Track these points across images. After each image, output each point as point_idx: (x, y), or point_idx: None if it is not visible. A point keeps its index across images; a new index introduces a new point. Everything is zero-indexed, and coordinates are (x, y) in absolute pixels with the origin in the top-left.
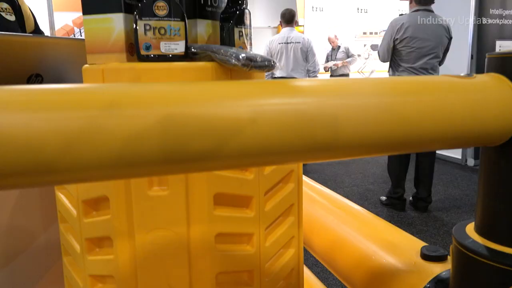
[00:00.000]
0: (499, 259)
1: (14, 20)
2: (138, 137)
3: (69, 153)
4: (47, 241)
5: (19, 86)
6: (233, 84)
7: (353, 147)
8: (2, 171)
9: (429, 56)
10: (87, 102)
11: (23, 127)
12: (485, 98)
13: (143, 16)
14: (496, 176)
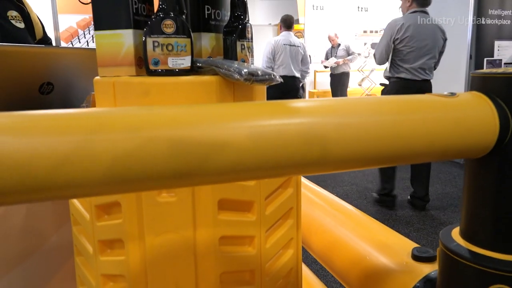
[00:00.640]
0: (480, 262)
1: (24, 28)
2: (120, 160)
3: (57, 174)
4: (58, 241)
5: (16, 113)
6: (220, 106)
7: (341, 163)
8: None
9: (427, 57)
10: (74, 128)
11: (16, 150)
12: (467, 115)
13: (152, 34)
14: (479, 186)
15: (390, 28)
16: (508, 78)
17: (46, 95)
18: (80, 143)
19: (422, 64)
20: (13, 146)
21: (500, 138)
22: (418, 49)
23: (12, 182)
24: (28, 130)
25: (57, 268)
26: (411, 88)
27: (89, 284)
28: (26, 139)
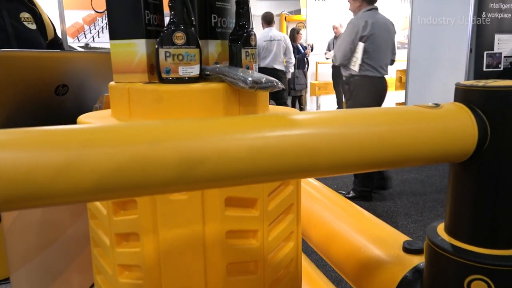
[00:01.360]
0: (461, 255)
1: (36, 29)
2: (109, 173)
3: (52, 184)
4: (74, 233)
5: (21, 129)
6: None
7: (332, 169)
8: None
9: (389, 52)
10: (68, 142)
11: (18, 163)
12: (449, 125)
13: (164, 45)
14: (461, 187)
15: (355, 26)
16: (487, 91)
17: (61, 96)
18: (71, 157)
19: (386, 60)
20: (13, 160)
21: (479, 145)
22: (382, 46)
23: (13, 192)
24: (28, 145)
25: (74, 258)
26: (375, 83)
27: (106, 273)
28: (24, 153)
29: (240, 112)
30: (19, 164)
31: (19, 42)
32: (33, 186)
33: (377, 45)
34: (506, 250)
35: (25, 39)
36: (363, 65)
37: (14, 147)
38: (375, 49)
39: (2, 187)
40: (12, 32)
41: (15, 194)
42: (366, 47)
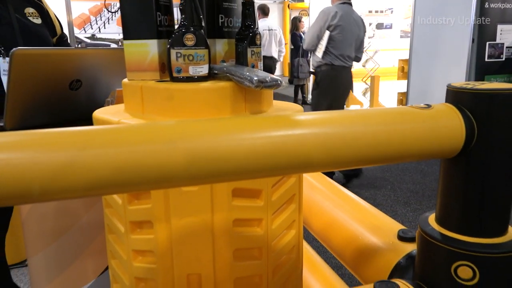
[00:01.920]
0: (448, 242)
1: (41, 23)
2: (104, 172)
3: (55, 182)
4: (88, 220)
5: (30, 131)
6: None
7: (330, 165)
8: (12, 194)
9: (354, 46)
10: (68, 144)
11: (21, 162)
12: (439, 124)
13: (175, 46)
14: (450, 180)
15: (325, 15)
16: (474, 93)
17: (75, 90)
18: (71, 157)
19: (349, 52)
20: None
21: (466, 142)
22: (348, 38)
23: (16, 189)
24: (64, 144)
25: (88, 244)
26: (341, 74)
27: (120, 258)
28: (58, 152)
29: (246, 108)
30: (54, 161)
31: (24, 36)
32: (67, 179)
33: (343, 36)
34: (490, 239)
35: (30, 33)
36: (327, 52)
37: (47, 147)
38: (341, 39)
39: (43, 180)
40: (17, 26)
41: (53, 187)
42: (332, 35)
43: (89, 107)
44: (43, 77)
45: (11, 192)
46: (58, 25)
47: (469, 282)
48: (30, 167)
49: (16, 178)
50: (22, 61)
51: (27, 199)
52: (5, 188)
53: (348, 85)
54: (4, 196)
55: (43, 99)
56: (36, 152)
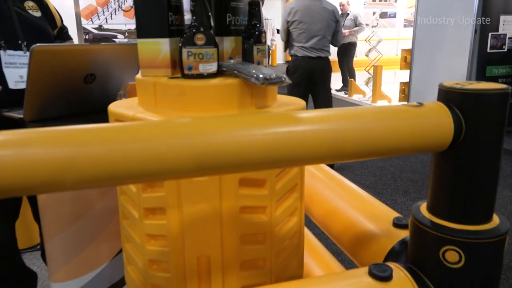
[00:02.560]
0: (437, 229)
1: (41, 16)
2: (128, 165)
3: (86, 173)
4: (102, 206)
5: (43, 128)
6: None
7: (329, 159)
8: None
9: (317, 37)
10: (95, 139)
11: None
12: (429, 121)
13: (186, 45)
14: (440, 172)
15: (285, 11)
16: (463, 93)
17: (89, 84)
18: (99, 152)
19: (313, 44)
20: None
21: (455, 138)
22: (307, 31)
23: (52, 179)
24: (97, 140)
25: (102, 228)
26: (306, 64)
27: (134, 242)
28: (90, 147)
29: (252, 103)
30: (85, 155)
31: (24, 30)
32: (96, 170)
33: (303, 30)
34: (476, 226)
35: (30, 26)
36: (292, 45)
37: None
38: (300, 33)
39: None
40: (17, 19)
41: (84, 177)
42: (291, 30)
43: (102, 100)
44: (60, 71)
45: (48, 182)
46: (58, 17)
47: (456, 265)
48: (64, 160)
49: (52, 169)
50: (41, 56)
51: (61, 188)
52: (43, 178)
53: (312, 73)
54: (42, 185)
55: (60, 92)
56: (69, 147)
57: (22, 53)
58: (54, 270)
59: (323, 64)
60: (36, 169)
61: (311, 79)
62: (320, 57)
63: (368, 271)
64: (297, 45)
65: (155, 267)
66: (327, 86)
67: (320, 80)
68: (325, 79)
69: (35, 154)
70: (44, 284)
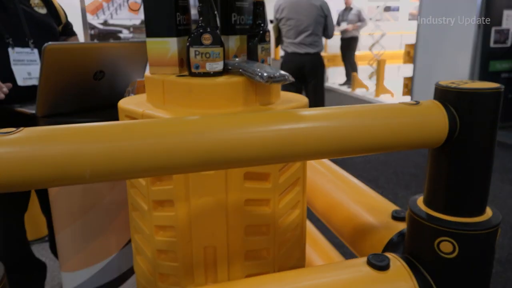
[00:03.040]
0: (433, 221)
1: (46, 13)
2: (142, 160)
3: (103, 167)
4: (112, 199)
5: (57, 126)
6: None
7: (330, 154)
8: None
9: (305, 33)
10: (112, 135)
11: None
12: (425, 119)
13: (194, 45)
14: (436, 167)
15: (274, 8)
16: (457, 92)
17: (98, 80)
18: (115, 147)
19: (302, 40)
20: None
21: (449, 135)
22: (295, 27)
23: (72, 173)
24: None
25: (111, 220)
26: (295, 59)
27: (143, 232)
28: (111, 143)
29: (257, 100)
30: (102, 150)
31: (30, 26)
32: (113, 164)
33: (290, 26)
34: (468, 218)
35: (37, 23)
36: (283, 42)
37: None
38: (288, 29)
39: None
40: (24, 17)
41: (101, 171)
42: (280, 27)
43: (111, 96)
44: (71, 68)
45: (69, 175)
46: (63, 13)
47: (450, 255)
48: (84, 156)
49: (73, 164)
50: (53, 55)
51: (81, 181)
52: (65, 172)
53: (301, 68)
54: (64, 178)
55: (71, 88)
56: (88, 144)
57: (29, 50)
58: (65, 260)
59: (312, 59)
60: (59, 164)
61: (301, 74)
62: (308, 53)
63: (367, 260)
64: (287, 41)
65: (163, 257)
66: (319, 81)
67: (310, 75)
68: (316, 74)
69: (58, 150)
70: (52, 274)
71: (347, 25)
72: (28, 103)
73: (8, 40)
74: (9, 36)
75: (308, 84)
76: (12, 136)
